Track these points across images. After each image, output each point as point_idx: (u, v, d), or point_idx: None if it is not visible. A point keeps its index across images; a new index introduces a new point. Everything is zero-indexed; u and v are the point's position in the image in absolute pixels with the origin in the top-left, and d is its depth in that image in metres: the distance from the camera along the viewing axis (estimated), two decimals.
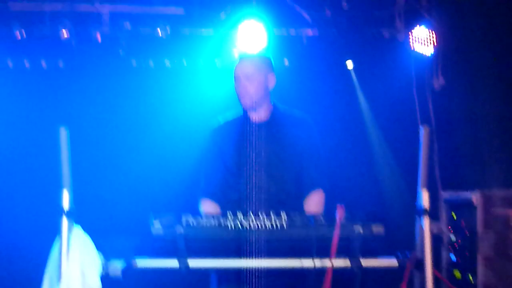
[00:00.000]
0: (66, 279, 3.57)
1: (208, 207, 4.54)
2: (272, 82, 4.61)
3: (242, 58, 4.68)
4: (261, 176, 4.44)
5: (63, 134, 3.69)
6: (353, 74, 6.47)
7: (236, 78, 4.58)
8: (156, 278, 5.87)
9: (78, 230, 3.71)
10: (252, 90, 4.53)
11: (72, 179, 3.69)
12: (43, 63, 6.48)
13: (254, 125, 4.58)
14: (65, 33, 6.11)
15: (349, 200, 3.91)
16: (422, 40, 6.14)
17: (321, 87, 6.44)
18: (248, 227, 3.64)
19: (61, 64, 6.48)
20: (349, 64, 6.41)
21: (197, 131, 4.91)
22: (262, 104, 4.59)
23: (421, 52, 6.17)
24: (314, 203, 4.51)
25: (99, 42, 6.30)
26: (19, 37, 6.17)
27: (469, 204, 4.96)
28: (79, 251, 3.64)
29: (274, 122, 4.63)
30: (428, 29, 6.13)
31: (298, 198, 4.54)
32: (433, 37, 6.12)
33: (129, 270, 3.69)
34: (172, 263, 3.71)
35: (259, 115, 4.62)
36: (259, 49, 5.82)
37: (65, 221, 3.64)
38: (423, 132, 3.74)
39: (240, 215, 3.66)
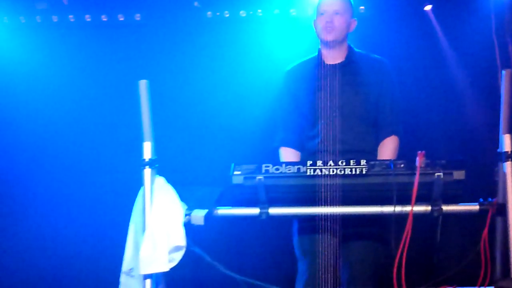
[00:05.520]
0: (150, 229, 3.67)
1: (288, 155, 4.53)
2: (352, 27, 4.54)
3: None
4: (336, 122, 4.35)
5: (143, 87, 3.76)
6: (432, 17, 6.33)
7: (322, 12, 4.45)
8: (237, 226, 5.97)
9: (161, 181, 3.79)
10: (338, 26, 4.42)
11: (153, 131, 3.76)
12: (120, 17, 6.54)
13: (329, 66, 4.49)
14: None
15: (431, 147, 3.88)
16: None
17: (399, 33, 6.33)
18: (327, 175, 3.65)
19: (137, 17, 6.54)
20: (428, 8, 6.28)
21: (274, 81, 4.89)
22: (341, 44, 4.50)
23: None
24: (388, 149, 4.44)
25: None
26: None
27: None
28: (163, 201, 3.72)
29: (349, 64, 4.53)
30: None
31: (374, 144, 4.48)
32: None
33: (211, 219, 3.76)
34: (253, 211, 3.77)
35: (334, 56, 4.52)
36: None
37: (147, 172, 3.73)
38: (505, 76, 3.67)
39: (319, 163, 3.67)
